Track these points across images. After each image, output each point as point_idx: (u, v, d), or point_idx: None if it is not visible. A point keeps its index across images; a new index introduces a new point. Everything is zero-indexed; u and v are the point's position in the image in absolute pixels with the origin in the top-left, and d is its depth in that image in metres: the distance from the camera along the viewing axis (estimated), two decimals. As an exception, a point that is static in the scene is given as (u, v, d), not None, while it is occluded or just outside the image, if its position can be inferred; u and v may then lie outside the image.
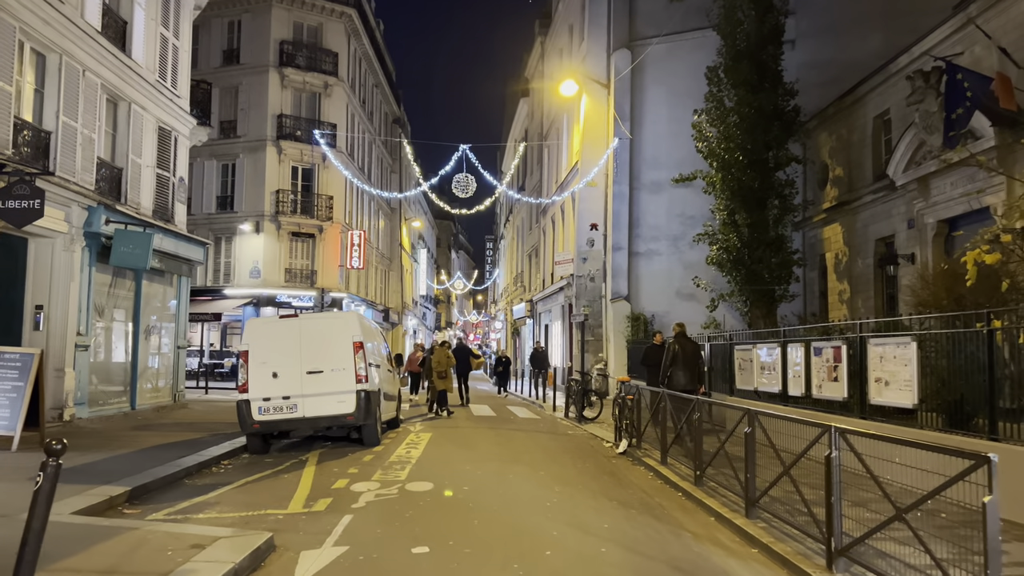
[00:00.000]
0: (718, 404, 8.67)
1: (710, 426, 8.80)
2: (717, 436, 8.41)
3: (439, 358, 18.71)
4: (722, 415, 9.22)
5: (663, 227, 25.69)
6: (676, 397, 10.38)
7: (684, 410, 9.58)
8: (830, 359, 10.42)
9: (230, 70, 33.95)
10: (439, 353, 18.97)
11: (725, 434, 8.20)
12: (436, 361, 18.53)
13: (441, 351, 19.17)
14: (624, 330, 24.34)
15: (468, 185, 22.27)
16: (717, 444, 8.30)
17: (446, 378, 18.53)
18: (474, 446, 12.75)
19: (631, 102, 25.96)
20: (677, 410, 10.11)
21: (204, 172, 33.74)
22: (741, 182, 19.62)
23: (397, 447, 12.28)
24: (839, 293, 21.34)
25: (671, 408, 10.30)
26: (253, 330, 12.00)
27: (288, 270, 33.50)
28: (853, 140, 20.69)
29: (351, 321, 12.18)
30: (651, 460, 10.89)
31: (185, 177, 18.36)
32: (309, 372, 11.72)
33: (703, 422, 8.89)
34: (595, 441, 13.93)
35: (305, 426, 11.80)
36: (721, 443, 8.12)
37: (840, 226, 21.31)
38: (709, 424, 8.80)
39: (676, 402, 10.26)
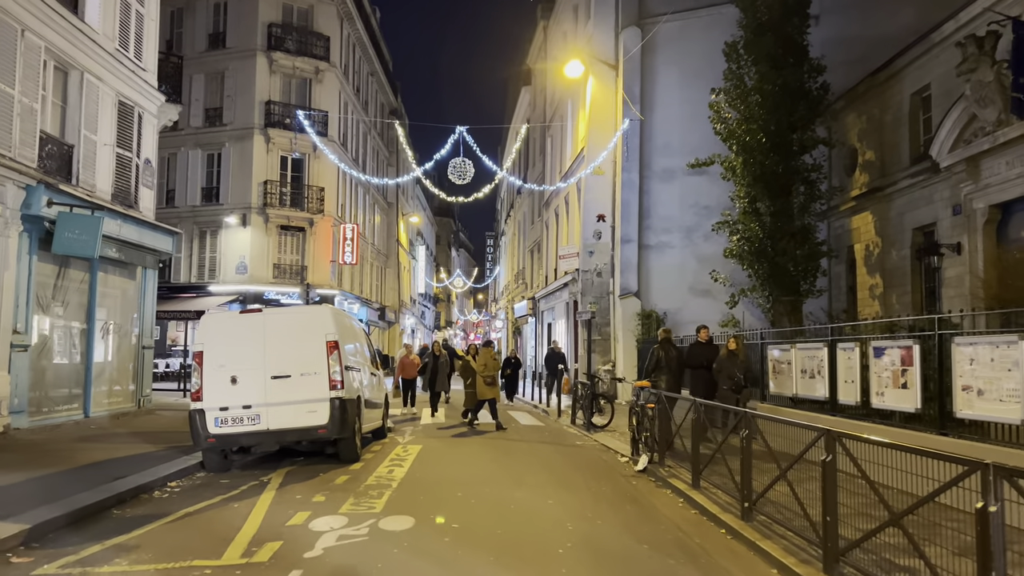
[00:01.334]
0: (776, 420, 6.87)
1: (761, 447, 7.01)
2: (775, 460, 6.62)
3: (485, 360, 15.97)
4: (768, 430, 7.44)
5: (676, 218, 23.91)
6: (715, 409, 8.62)
7: (726, 424, 7.78)
8: (896, 362, 8.64)
9: (216, 55, 32.20)
10: (485, 355, 16.20)
11: (771, 452, 6.47)
12: (482, 364, 15.90)
13: (487, 352, 16.37)
14: (634, 328, 22.57)
15: (465, 170, 20.48)
16: (765, 464, 6.57)
17: (494, 385, 15.98)
18: (469, 462, 10.98)
19: (641, 84, 24.18)
20: (714, 423, 8.33)
21: (188, 162, 32.00)
22: (764, 166, 17.92)
23: (379, 464, 10.50)
24: (870, 288, 19.55)
25: (707, 421, 8.52)
26: (209, 327, 10.24)
27: (277, 265, 31.73)
28: (887, 120, 18.90)
29: (324, 317, 10.40)
30: (679, 482, 9.12)
31: (153, 159, 16.60)
32: (274, 377, 9.96)
33: (752, 439, 7.10)
34: (608, 455, 12.17)
35: (269, 441, 10.04)
36: (782, 470, 6.34)
37: (871, 215, 19.52)
38: (760, 444, 7.02)
39: (715, 414, 8.49)
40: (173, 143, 32.17)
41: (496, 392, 16.21)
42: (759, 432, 6.98)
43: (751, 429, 7.12)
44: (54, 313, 13.19)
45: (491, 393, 15.84)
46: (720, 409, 9.30)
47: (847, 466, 5.37)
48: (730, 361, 11.54)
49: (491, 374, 15.92)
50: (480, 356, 16.34)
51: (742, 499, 7.13)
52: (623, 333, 23.04)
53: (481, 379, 15.74)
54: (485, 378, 15.73)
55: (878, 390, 9.01)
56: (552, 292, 30.80)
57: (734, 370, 11.41)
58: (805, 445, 5.99)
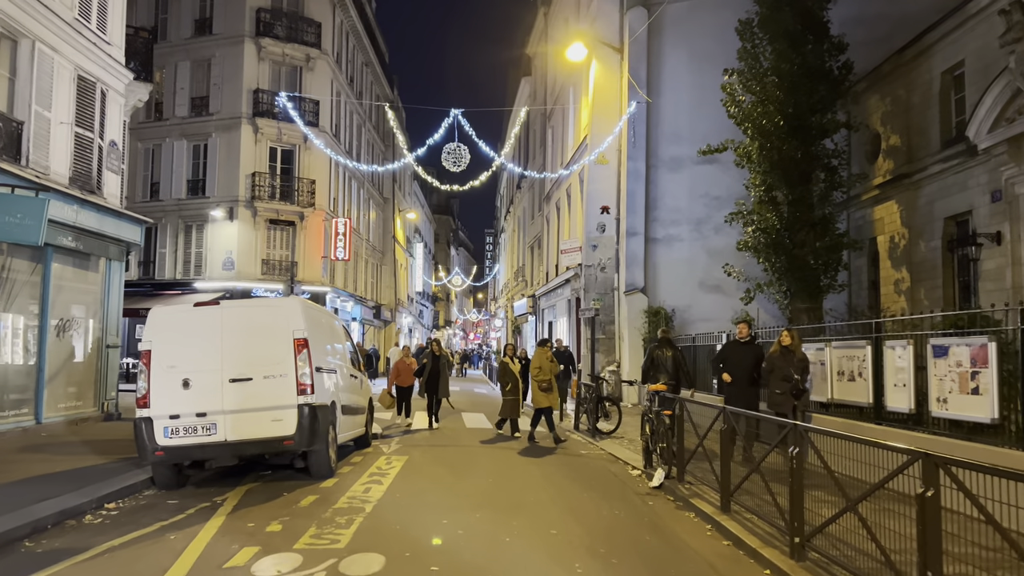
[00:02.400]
0: (841, 436, 5.48)
1: (816, 467, 5.65)
2: (839, 488, 5.24)
3: (540, 362, 13.65)
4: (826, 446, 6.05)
5: (684, 209, 22.57)
6: (754, 420, 7.26)
7: (767, 438, 6.43)
8: (964, 362, 7.28)
9: (202, 41, 30.81)
10: (540, 356, 13.81)
11: (832, 476, 5.11)
12: (536, 367, 13.65)
13: (542, 353, 13.94)
14: (641, 327, 21.21)
15: (461, 156, 19.07)
16: (820, 489, 5.22)
17: (551, 391, 13.57)
18: (459, 478, 9.61)
19: (647, 68, 22.83)
20: (751, 438, 6.98)
21: (173, 153, 30.63)
22: (781, 152, 16.67)
23: (355, 480, 9.13)
24: (895, 283, 18.20)
25: (743, 433, 7.17)
26: (157, 323, 8.87)
27: (265, 261, 30.34)
28: (914, 102, 17.56)
29: (292, 310, 9.02)
30: (704, 504, 7.77)
31: (119, 142, 15.24)
32: (233, 380, 8.60)
33: (803, 457, 5.74)
34: (617, 466, 10.81)
35: (227, 454, 8.67)
36: (851, 501, 4.97)
37: (896, 204, 18.17)
38: (814, 463, 5.65)
39: (753, 426, 7.14)
40: (157, 134, 30.90)
41: (554, 400, 13.84)
42: (815, 450, 5.60)
43: (802, 445, 5.75)
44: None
45: (547, 401, 13.51)
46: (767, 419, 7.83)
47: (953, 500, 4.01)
48: (784, 359, 9.67)
49: (547, 379, 13.52)
50: (535, 357, 14.01)
51: (791, 532, 5.76)
52: (628, 331, 21.69)
53: (535, 384, 13.53)
54: (540, 383, 13.45)
55: (939, 396, 7.64)
56: (553, 289, 29.44)
57: (790, 370, 9.54)
58: (887, 471, 4.63)
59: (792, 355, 9.67)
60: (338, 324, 11.54)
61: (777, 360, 9.69)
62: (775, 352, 9.85)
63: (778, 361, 9.66)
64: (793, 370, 9.52)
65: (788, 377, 9.49)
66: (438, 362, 15.92)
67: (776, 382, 9.61)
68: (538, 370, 13.60)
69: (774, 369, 9.69)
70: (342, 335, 11.42)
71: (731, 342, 11.50)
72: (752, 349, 10.86)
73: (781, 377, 9.53)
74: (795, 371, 9.52)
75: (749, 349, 10.86)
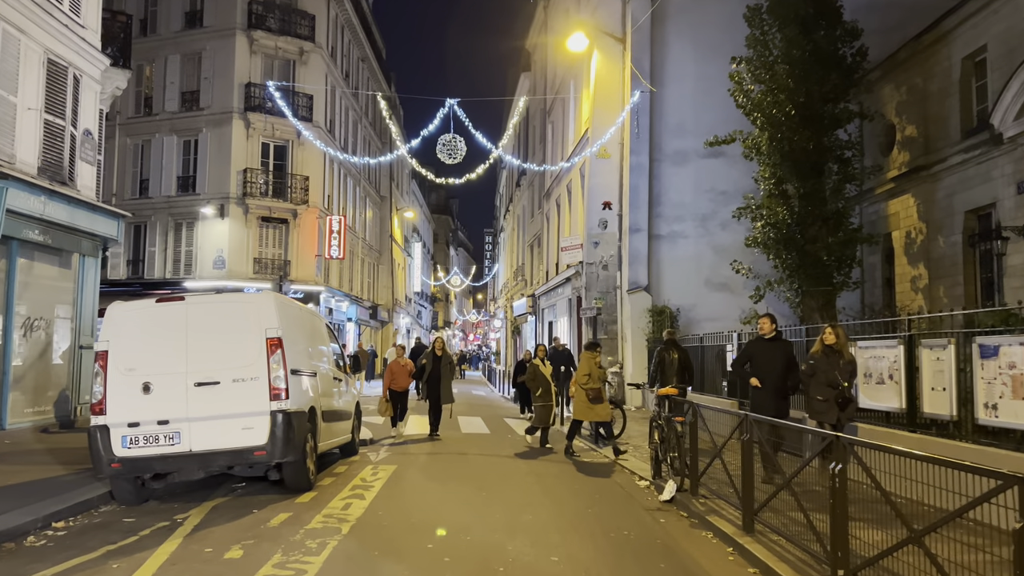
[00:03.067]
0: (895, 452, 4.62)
1: (864, 485, 4.81)
2: (897, 513, 4.39)
3: (588, 368, 11.80)
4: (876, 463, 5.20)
5: (689, 205, 21.75)
6: (784, 430, 6.43)
7: (793, 449, 5.59)
8: (1019, 364, 6.44)
9: (192, 34, 29.99)
10: (588, 362, 11.93)
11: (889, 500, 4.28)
12: (584, 374, 11.76)
13: (590, 357, 12.01)
14: (644, 326, 20.38)
15: (456, 147, 18.22)
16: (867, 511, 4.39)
17: (599, 401, 11.72)
18: (450, 491, 8.76)
19: (651, 59, 22.03)
20: (779, 450, 6.15)
21: (163, 149, 29.80)
22: (792, 143, 15.90)
23: (335, 494, 8.28)
24: (912, 280, 17.37)
25: (772, 446, 6.34)
26: (115, 320, 8.04)
27: (257, 260, 29.50)
28: (931, 90, 16.73)
29: (264, 307, 8.17)
30: (722, 522, 6.94)
31: (94, 131, 14.41)
32: (199, 384, 7.77)
33: (845, 475, 4.90)
34: (623, 477, 9.98)
35: (192, 466, 7.82)
36: (914, 532, 4.13)
37: (913, 197, 17.34)
38: (859, 480, 4.82)
39: (784, 437, 6.31)
40: (147, 129, 30.09)
41: (605, 412, 11.96)
42: (864, 468, 4.76)
43: (846, 461, 4.91)
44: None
45: (593, 414, 11.69)
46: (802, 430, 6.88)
47: None
48: (828, 361, 8.16)
49: (596, 387, 11.67)
50: (582, 363, 12.14)
51: (832, 563, 4.92)
52: (632, 331, 20.86)
53: (581, 393, 11.70)
54: (588, 392, 11.59)
55: (988, 401, 6.81)
56: (553, 288, 28.61)
57: (835, 374, 8.04)
58: (959, 494, 3.79)
59: (838, 356, 8.21)
60: (320, 323, 10.67)
61: (820, 362, 8.24)
62: (817, 352, 8.38)
63: (821, 363, 8.21)
64: (839, 374, 8.08)
65: (833, 383, 8.07)
66: (439, 364, 14.22)
67: (818, 388, 8.18)
68: (586, 377, 11.68)
69: (816, 372, 8.23)
70: (325, 335, 10.56)
71: (756, 339, 9.79)
72: (781, 347, 9.30)
73: (825, 382, 8.11)
74: (842, 376, 8.08)
75: (777, 347, 9.26)
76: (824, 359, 8.24)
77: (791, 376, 8.96)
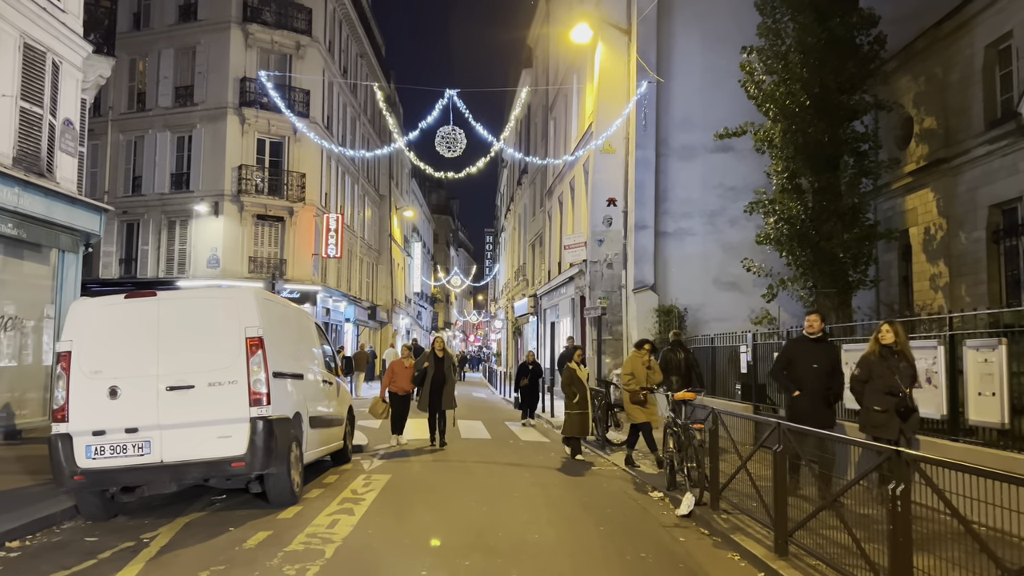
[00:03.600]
0: (979, 472, 3.87)
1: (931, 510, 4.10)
2: (983, 547, 3.68)
3: (633, 368, 10.47)
4: (946, 482, 4.49)
5: (697, 201, 21.01)
6: (825, 443, 5.72)
7: (885, 475, 4.87)
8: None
9: (186, 28, 29.31)
10: (634, 361, 10.55)
11: (973, 532, 3.58)
12: (628, 374, 10.48)
13: (638, 357, 10.57)
14: (651, 327, 19.65)
15: (456, 140, 17.50)
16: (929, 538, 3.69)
17: (645, 405, 10.42)
18: (448, 505, 8.04)
19: (657, 50, 21.28)
20: (820, 463, 5.45)
21: (156, 146, 29.10)
22: (807, 135, 15.25)
23: (322, 508, 7.56)
24: (931, 278, 16.65)
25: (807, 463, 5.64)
26: (79, 318, 7.34)
27: (252, 259, 28.79)
28: (952, 80, 16.02)
29: (244, 304, 7.46)
30: (749, 541, 6.24)
31: (75, 121, 13.72)
32: (172, 388, 7.07)
33: (908, 497, 4.18)
34: (634, 487, 9.25)
35: (163, 478, 7.11)
36: (1009, 572, 3.42)
37: (932, 192, 16.63)
38: (924, 505, 4.11)
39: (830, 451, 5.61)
40: (140, 125, 29.41)
41: (652, 414, 10.58)
42: (936, 491, 4.04)
43: (907, 480, 4.20)
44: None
45: (643, 415, 10.51)
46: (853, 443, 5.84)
47: None
48: (885, 364, 6.89)
49: (635, 388, 10.26)
50: (627, 362, 10.87)
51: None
52: (637, 332, 20.11)
53: (627, 396, 10.66)
54: (634, 395, 10.36)
55: (1047, 408, 6.09)
56: (556, 288, 27.90)
57: (895, 379, 6.81)
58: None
59: (897, 358, 6.93)
60: (308, 321, 9.93)
61: (877, 366, 6.96)
62: (872, 354, 7.06)
63: (878, 367, 6.94)
64: (899, 379, 6.82)
65: (893, 389, 6.80)
66: (442, 366, 12.89)
67: (874, 396, 6.93)
68: (630, 377, 10.39)
69: (872, 378, 6.96)
70: (313, 334, 9.83)
71: (797, 339, 8.48)
72: (827, 350, 8.12)
73: (883, 389, 6.85)
74: (903, 381, 6.83)
75: (823, 349, 8.04)
76: (880, 362, 6.96)
77: (835, 382, 7.98)
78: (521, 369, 18.26)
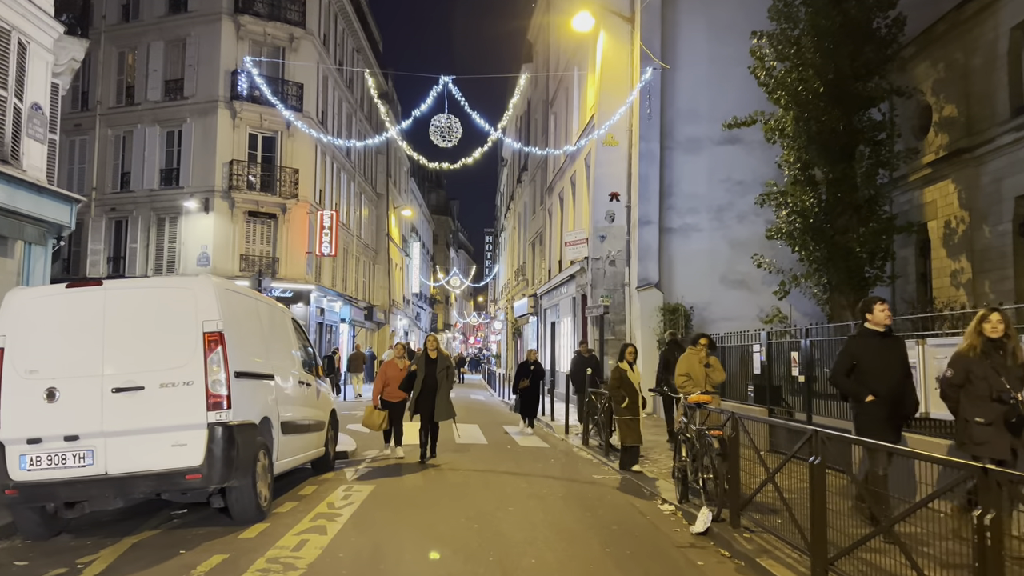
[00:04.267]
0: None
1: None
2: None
3: (688, 368, 8.65)
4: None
5: (703, 196, 20.21)
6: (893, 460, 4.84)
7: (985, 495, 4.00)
8: None
9: (176, 19, 28.48)
10: (689, 360, 8.72)
11: None
12: (683, 375, 8.63)
13: (694, 355, 8.75)
14: (656, 326, 18.82)
15: (451, 129, 16.63)
16: None
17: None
18: (435, 522, 7.16)
19: (662, 40, 20.51)
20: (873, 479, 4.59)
21: (145, 141, 28.25)
22: (821, 123, 14.56)
23: (291, 526, 6.70)
24: (952, 274, 15.82)
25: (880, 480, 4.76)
26: (15, 310, 6.48)
27: (244, 257, 27.93)
28: (974, 65, 15.22)
29: (202, 294, 6.60)
30: (779, 567, 5.39)
31: (45, 105, 12.88)
32: (118, 389, 6.22)
33: (1000, 528, 3.32)
34: (642, 500, 8.39)
35: (107, 493, 6.26)
36: None
37: (953, 183, 15.81)
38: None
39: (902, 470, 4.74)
40: (128, 119, 28.57)
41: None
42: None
43: (996, 507, 3.34)
44: None
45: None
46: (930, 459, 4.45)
47: None
48: (988, 363, 5.45)
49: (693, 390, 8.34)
50: (682, 361, 8.86)
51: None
52: (641, 332, 19.28)
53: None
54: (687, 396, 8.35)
55: None
56: (556, 287, 27.05)
57: (1000, 380, 5.35)
58: None
59: (1005, 357, 5.48)
60: (283, 317, 9.03)
61: (976, 366, 5.47)
62: (971, 351, 5.54)
63: (978, 367, 5.46)
64: (1007, 381, 5.33)
65: (1001, 395, 5.31)
66: (434, 369, 10.82)
67: (976, 404, 5.44)
68: (685, 379, 8.64)
69: (970, 381, 5.47)
70: (289, 331, 8.95)
71: (862, 335, 6.54)
72: (898, 346, 6.51)
73: (987, 394, 5.38)
74: (1012, 383, 5.32)
75: (893, 347, 6.44)
76: (982, 361, 5.47)
77: (911, 385, 6.51)
78: (521, 369, 16.62)
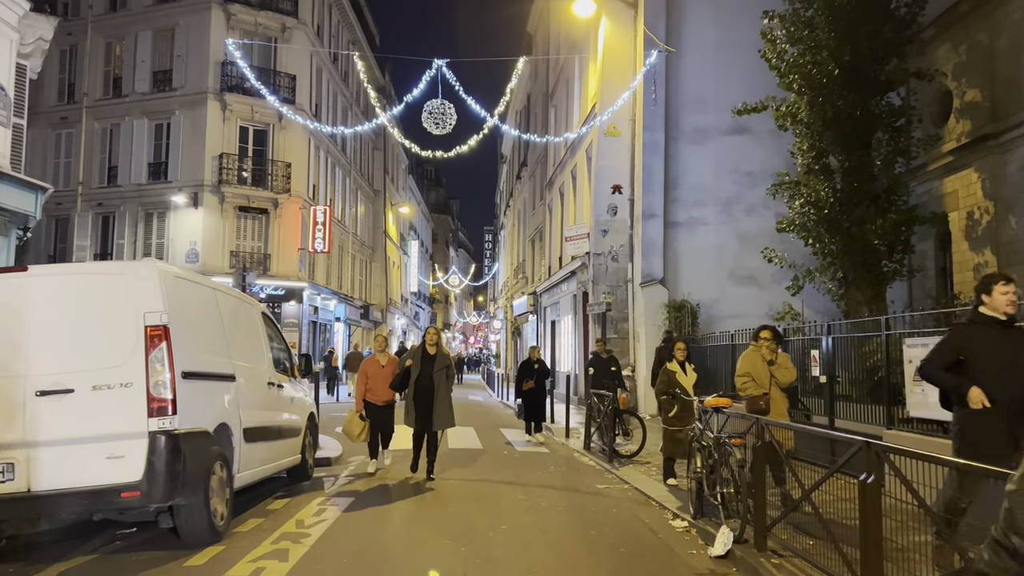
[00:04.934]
0: None
1: None
2: None
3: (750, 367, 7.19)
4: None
5: (710, 188, 19.36)
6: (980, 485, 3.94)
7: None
8: None
9: (165, 8, 27.66)
10: (751, 358, 7.26)
11: None
12: (744, 375, 7.21)
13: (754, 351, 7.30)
14: (660, 324, 17.96)
15: (445, 114, 15.75)
16: None
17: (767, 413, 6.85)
18: (417, 545, 6.28)
19: (667, 25, 19.66)
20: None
21: (132, 133, 27.42)
22: (836, 109, 13.70)
23: (249, 550, 5.81)
24: (975, 268, 14.94)
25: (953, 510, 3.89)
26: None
27: (234, 253, 27.08)
28: (1000, 47, 14.35)
29: (143, 282, 5.71)
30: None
31: (8, 87, 12.05)
32: (43, 393, 5.34)
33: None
34: (651, 513, 7.52)
35: (28, 513, 5.40)
36: None
37: (976, 172, 14.93)
38: None
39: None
40: (115, 112, 27.73)
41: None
42: None
43: None
44: None
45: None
46: None
47: None
48: None
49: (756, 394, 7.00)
50: (743, 359, 7.38)
51: None
52: (645, 330, 18.43)
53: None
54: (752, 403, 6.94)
55: None
56: (556, 283, 26.18)
57: None
58: None
59: None
60: (251, 311, 8.05)
61: None
62: None
63: None
64: None
65: None
66: (431, 368, 9.19)
67: None
68: (746, 379, 7.17)
69: None
70: (258, 326, 8.01)
71: (972, 323, 5.07)
72: (1021, 338, 5.00)
73: None
74: None
75: (1014, 339, 4.93)
76: None
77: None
78: (523, 368, 14.92)
